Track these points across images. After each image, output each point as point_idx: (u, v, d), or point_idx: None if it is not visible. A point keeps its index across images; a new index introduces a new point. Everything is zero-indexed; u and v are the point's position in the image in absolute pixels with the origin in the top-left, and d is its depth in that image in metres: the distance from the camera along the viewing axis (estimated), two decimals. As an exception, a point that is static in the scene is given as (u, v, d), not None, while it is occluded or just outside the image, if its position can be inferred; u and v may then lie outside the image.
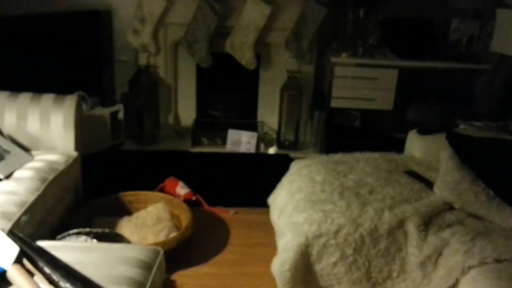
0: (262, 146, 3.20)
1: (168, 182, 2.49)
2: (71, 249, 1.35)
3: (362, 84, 2.98)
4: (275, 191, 2.01)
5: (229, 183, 2.68)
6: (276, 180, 2.02)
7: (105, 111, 3.02)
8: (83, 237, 1.74)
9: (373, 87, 2.97)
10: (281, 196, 1.89)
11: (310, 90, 3.25)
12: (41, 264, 1.14)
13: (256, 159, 3.05)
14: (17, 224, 1.53)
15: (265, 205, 2.03)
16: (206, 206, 2.41)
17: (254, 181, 2.70)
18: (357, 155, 2.04)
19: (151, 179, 2.54)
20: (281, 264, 1.54)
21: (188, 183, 2.48)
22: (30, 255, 1.15)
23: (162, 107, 3.26)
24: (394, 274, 1.53)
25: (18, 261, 1.13)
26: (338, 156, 2.03)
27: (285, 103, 3.18)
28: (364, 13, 3.00)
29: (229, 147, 3.16)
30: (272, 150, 3.18)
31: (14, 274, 1.09)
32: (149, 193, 2.27)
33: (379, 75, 2.96)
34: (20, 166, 1.83)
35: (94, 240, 1.75)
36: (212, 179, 2.70)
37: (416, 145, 2.11)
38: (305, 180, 1.83)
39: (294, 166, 2.03)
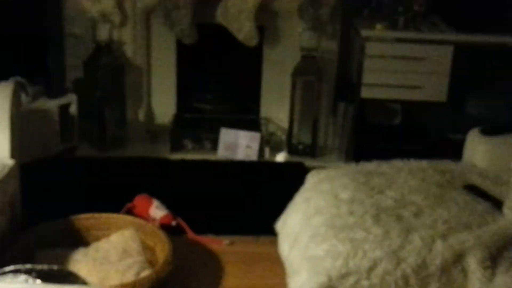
0: (267, 151, 3.21)
1: (139, 201, 2.50)
2: (7, 293, 1.35)
3: (404, 67, 2.99)
4: (285, 213, 2.01)
5: (222, 202, 2.68)
6: (286, 198, 2.03)
7: (52, 104, 3.04)
8: (22, 277, 1.74)
9: (419, 70, 2.99)
10: (294, 220, 1.90)
11: (333, 74, 3.25)
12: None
13: (258, 169, 3.05)
14: None
15: (272, 233, 2.03)
16: (191, 234, 2.42)
17: (256, 200, 2.70)
18: (397, 163, 2.05)
19: (115, 197, 2.55)
20: (294, 314, 1.55)
21: (166, 203, 2.49)
22: None
23: (130, 98, 3.27)
24: (450, 327, 1.54)
25: None
26: (371, 165, 2.04)
27: (298, 93, 3.18)
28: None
29: (222, 153, 3.17)
30: (280, 157, 3.18)
31: None
32: (113, 216, 2.28)
33: (428, 54, 2.97)
34: None
35: (38, 281, 1.75)
36: (199, 197, 2.70)
37: (479, 150, 2.11)
38: (327, 198, 1.84)
39: (311, 179, 2.03)
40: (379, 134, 3.19)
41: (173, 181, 2.86)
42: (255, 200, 2.70)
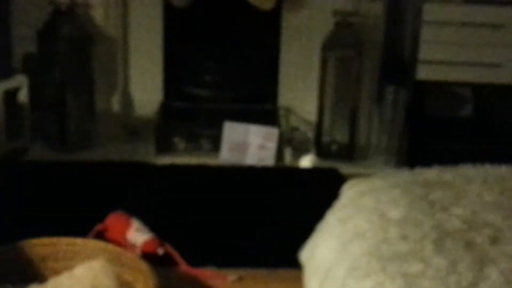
0: (287, 153, 3.22)
1: (113, 221, 2.49)
2: None
3: (475, 38, 2.99)
4: (312, 238, 2.02)
5: (227, 223, 2.69)
6: (314, 218, 2.03)
7: (-5, 89, 3.08)
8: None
9: (497, 42, 2.99)
10: (325, 248, 1.90)
11: (378, 49, 3.26)
12: None
13: (276, 179, 3.06)
14: None
15: (294, 265, 2.04)
16: (183, 266, 2.43)
17: (272, 221, 2.70)
18: (467, 170, 2.04)
19: (81, 216, 2.56)
20: None
21: (150, 223, 2.49)
22: None
23: (101, 81, 3.29)
24: None
25: None
26: (431, 173, 2.03)
27: (330, 73, 3.19)
28: None
29: (225, 156, 3.18)
30: (306, 161, 3.19)
31: None
32: (78, 241, 2.28)
33: (509, 19, 2.97)
34: None
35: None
36: (194, 216, 2.71)
37: None
38: (370, 218, 1.84)
39: (348, 192, 2.03)
40: (441, 130, 3.19)
41: (160, 194, 2.86)
42: (271, 220, 2.69)
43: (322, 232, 1.97)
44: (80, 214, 2.60)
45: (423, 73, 3.03)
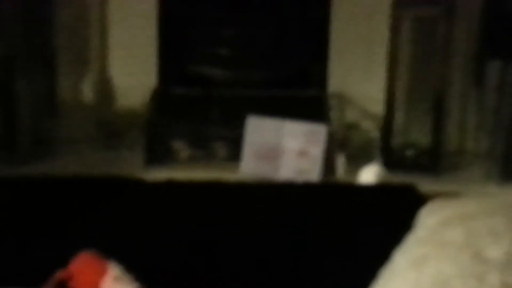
0: (341, 162, 3.25)
1: (82, 265, 2.50)
2: None
3: None
4: (378, 283, 2.00)
5: (249, 266, 2.70)
6: (377, 258, 2.01)
7: None
8: None
9: None
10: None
11: (477, 5, 3.28)
12: None
13: (323, 200, 3.08)
14: None
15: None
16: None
17: (318, 263, 2.70)
18: None
19: (35, 256, 2.58)
20: None
21: (134, 269, 2.50)
22: None
23: (67, 58, 3.35)
24: None
25: None
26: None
27: (404, 44, 3.24)
28: None
29: (248, 167, 3.22)
30: (369, 175, 3.21)
31: None
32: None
33: None
34: None
35: None
36: (201, 258, 2.73)
37: None
38: (459, 258, 1.81)
39: (427, 219, 2.01)
40: None
41: (151, 225, 2.88)
42: (317, 263, 2.70)
43: (388, 280, 1.96)
44: (34, 255, 2.62)
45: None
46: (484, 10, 3.31)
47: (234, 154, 3.23)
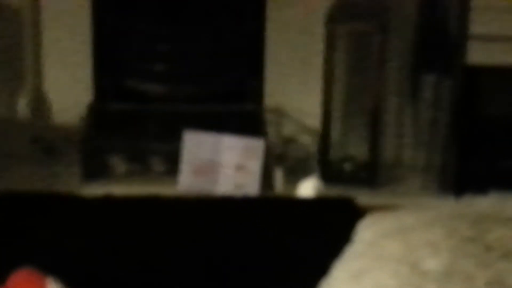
0: (279, 176, 3.26)
1: (19, 282, 2.48)
2: None
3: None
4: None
5: (189, 283, 2.70)
6: (316, 272, 2.04)
7: None
8: None
9: None
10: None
11: (411, 21, 3.33)
12: None
13: (261, 215, 3.05)
14: None
15: None
16: None
17: (256, 278, 2.72)
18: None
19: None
20: None
21: (73, 284, 2.49)
22: None
23: (1, 76, 3.35)
24: None
25: None
26: (488, 203, 2.04)
27: (339, 58, 3.27)
28: None
29: (186, 182, 3.22)
30: (307, 188, 3.22)
31: None
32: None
33: None
34: None
35: None
36: (140, 275, 2.72)
37: None
38: (397, 270, 1.84)
39: (365, 232, 2.05)
40: (504, 139, 3.21)
41: (89, 240, 2.85)
42: (259, 273, 2.72)
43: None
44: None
45: (477, 55, 3.04)
46: (418, 25, 3.35)
47: (172, 169, 3.24)
